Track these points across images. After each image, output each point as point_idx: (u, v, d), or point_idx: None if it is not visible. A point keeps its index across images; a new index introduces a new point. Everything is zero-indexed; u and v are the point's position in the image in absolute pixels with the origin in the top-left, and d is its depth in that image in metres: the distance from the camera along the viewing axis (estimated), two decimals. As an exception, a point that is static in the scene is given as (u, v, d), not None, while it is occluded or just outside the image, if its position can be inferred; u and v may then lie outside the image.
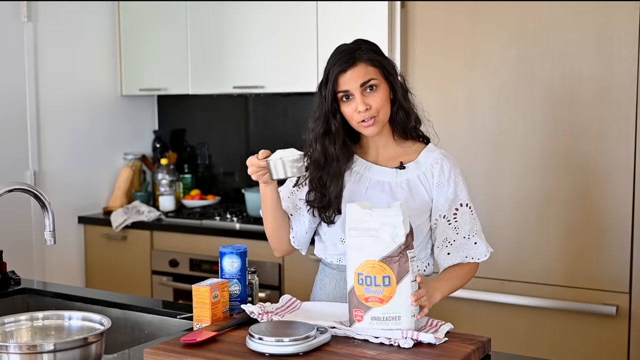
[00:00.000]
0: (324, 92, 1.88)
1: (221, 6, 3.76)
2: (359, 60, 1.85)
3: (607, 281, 2.72)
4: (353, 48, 1.87)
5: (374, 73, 1.86)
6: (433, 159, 1.93)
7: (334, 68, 1.85)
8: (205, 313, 1.79)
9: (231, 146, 4.19)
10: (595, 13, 2.69)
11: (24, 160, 3.70)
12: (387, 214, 1.68)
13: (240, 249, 1.90)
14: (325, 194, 1.92)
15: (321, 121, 1.90)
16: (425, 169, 1.92)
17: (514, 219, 2.87)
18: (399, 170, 1.93)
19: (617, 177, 2.69)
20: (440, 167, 1.91)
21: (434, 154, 1.94)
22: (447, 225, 1.90)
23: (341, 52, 1.87)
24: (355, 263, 1.69)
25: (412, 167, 1.93)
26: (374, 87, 1.85)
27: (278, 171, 1.75)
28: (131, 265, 3.83)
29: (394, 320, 1.66)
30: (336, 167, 1.91)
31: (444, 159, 1.93)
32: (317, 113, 1.91)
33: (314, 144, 1.92)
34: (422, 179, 1.92)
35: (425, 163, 1.93)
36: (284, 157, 1.74)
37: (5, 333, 1.72)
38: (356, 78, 1.84)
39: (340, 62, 1.85)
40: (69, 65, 3.90)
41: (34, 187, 1.95)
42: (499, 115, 2.88)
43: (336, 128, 1.89)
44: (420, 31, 3.00)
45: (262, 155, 1.81)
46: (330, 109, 1.87)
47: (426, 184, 1.92)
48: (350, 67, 1.84)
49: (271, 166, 1.76)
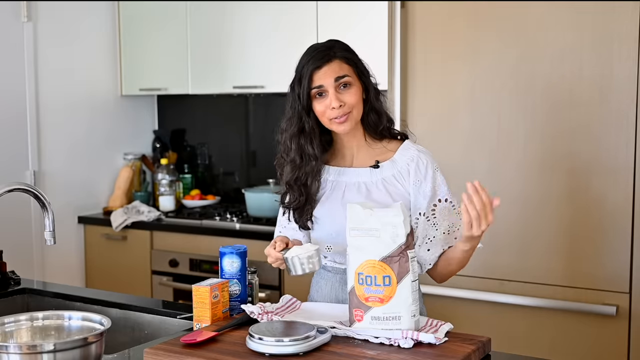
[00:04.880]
0: (297, 90, 1.88)
1: (221, 6, 3.76)
2: (333, 57, 1.86)
3: (607, 281, 2.72)
4: (327, 46, 1.88)
5: (348, 70, 1.86)
6: (409, 157, 1.91)
7: (309, 65, 1.86)
8: (205, 313, 1.79)
9: (231, 146, 4.19)
10: (595, 13, 2.69)
11: (24, 160, 3.70)
12: (388, 214, 1.67)
13: (240, 249, 1.90)
14: (303, 193, 1.92)
15: (295, 120, 1.90)
16: (401, 167, 1.90)
17: (513, 219, 2.87)
18: (374, 169, 1.92)
19: (617, 177, 2.69)
20: (416, 165, 1.89)
21: (410, 151, 1.92)
22: (427, 222, 1.88)
23: (315, 50, 1.88)
24: (356, 263, 1.69)
25: (387, 165, 1.92)
26: (347, 85, 1.86)
27: (296, 269, 1.78)
28: (131, 265, 3.83)
29: (394, 320, 1.66)
30: (315, 165, 1.91)
31: (420, 155, 1.91)
32: (289, 112, 1.92)
33: (288, 142, 1.92)
34: (398, 177, 1.90)
35: (401, 161, 1.91)
36: (300, 254, 1.76)
37: (5, 333, 1.72)
38: (331, 73, 1.84)
39: (314, 59, 1.86)
40: (68, 65, 3.90)
41: (34, 187, 1.95)
42: (499, 116, 2.88)
43: (310, 126, 1.90)
44: (420, 31, 3.00)
45: (280, 247, 1.81)
46: (305, 107, 1.88)
47: (403, 182, 1.90)
48: (325, 63, 1.85)
49: (289, 264, 1.78)
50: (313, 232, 1.98)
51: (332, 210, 1.92)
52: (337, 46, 1.89)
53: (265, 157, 4.04)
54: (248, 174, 4.11)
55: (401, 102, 3.01)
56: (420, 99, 3.01)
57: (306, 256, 1.76)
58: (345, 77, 1.85)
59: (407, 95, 3.02)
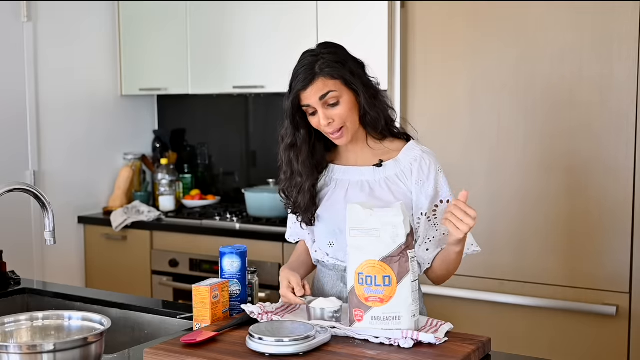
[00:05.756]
0: (287, 105, 1.90)
1: (221, 6, 3.76)
2: (317, 75, 1.84)
3: (607, 281, 2.73)
4: (313, 61, 1.85)
5: (333, 85, 1.84)
6: (412, 157, 1.91)
7: (296, 84, 1.86)
8: (205, 313, 1.79)
9: (231, 146, 4.18)
10: (595, 13, 2.69)
11: (24, 160, 3.70)
12: (388, 214, 1.68)
13: (240, 249, 1.90)
14: (297, 201, 1.95)
15: (289, 132, 1.93)
16: (404, 166, 1.91)
17: (513, 218, 2.87)
18: (377, 168, 1.93)
19: (617, 177, 2.69)
20: (419, 165, 1.90)
21: (414, 152, 1.92)
22: (428, 222, 1.89)
23: (303, 67, 1.86)
24: (356, 263, 1.69)
25: (391, 164, 1.92)
26: (334, 100, 1.84)
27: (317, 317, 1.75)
28: (131, 265, 3.83)
29: (394, 320, 1.65)
30: (300, 182, 1.94)
31: (424, 156, 1.91)
32: (285, 123, 1.93)
33: (282, 154, 1.96)
34: (401, 176, 1.91)
35: (405, 161, 1.91)
36: (327, 308, 1.75)
37: (5, 333, 1.72)
38: (315, 93, 1.84)
39: (300, 78, 1.85)
40: (68, 65, 3.90)
41: (34, 187, 1.94)
42: (499, 115, 2.88)
43: (300, 143, 1.92)
44: (420, 31, 3.00)
45: (299, 292, 1.82)
46: (293, 123, 1.90)
47: (406, 182, 1.90)
48: (309, 84, 1.84)
49: (311, 313, 1.76)
50: (316, 228, 2.00)
51: (335, 208, 1.93)
52: (322, 59, 1.85)
53: (265, 157, 4.04)
54: (248, 174, 4.11)
55: (401, 102, 3.02)
56: (420, 99, 3.01)
57: (332, 310, 1.74)
58: (329, 93, 1.83)
59: (407, 95, 3.03)
